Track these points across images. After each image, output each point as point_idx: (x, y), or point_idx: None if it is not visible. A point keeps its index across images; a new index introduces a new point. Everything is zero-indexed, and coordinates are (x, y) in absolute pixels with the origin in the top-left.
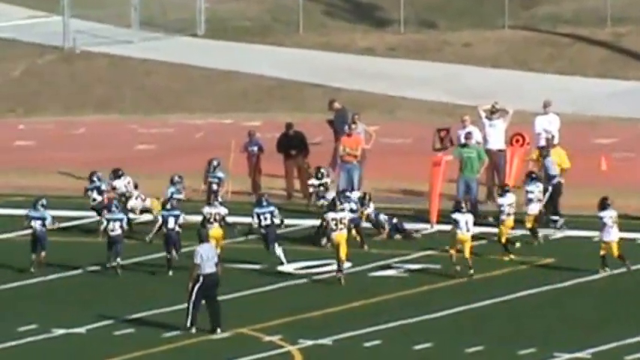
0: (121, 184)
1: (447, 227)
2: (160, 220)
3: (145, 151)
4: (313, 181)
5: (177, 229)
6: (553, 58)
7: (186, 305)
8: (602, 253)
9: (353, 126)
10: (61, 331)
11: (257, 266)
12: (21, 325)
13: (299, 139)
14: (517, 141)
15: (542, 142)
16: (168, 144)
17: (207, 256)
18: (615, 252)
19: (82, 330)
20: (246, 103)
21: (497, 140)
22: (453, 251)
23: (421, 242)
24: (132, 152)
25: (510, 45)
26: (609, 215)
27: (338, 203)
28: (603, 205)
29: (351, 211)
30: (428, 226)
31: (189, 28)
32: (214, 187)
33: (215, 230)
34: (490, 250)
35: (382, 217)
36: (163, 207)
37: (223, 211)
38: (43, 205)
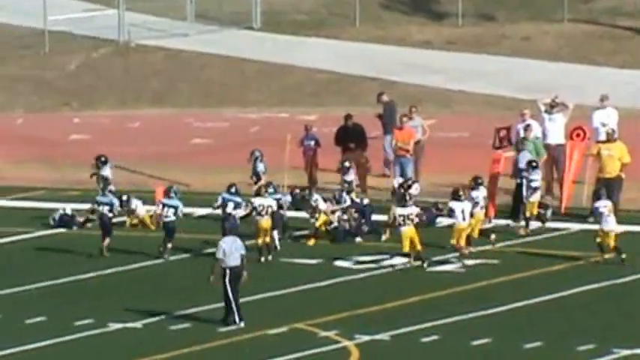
0: (108, 171)
1: (506, 222)
2: (160, 207)
3: (201, 145)
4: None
5: (172, 217)
6: (613, 51)
7: (224, 303)
8: (598, 240)
9: (404, 119)
10: (117, 326)
11: (314, 261)
12: (77, 319)
13: (358, 131)
14: (577, 135)
15: (602, 137)
16: (223, 138)
17: (229, 250)
18: (612, 242)
19: (137, 324)
20: (302, 96)
21: (556, 134)
22: (454, 242)
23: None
24: (187, 146)
25: (569, 38)
26: (604, 205)
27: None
28: (597, 195)
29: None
30: (486, 220)
31: (245, 21)
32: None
33: (265, 221)
34: (548, 245)
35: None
36: (166, 196)
37: (273, 203)
38: (111, 192)
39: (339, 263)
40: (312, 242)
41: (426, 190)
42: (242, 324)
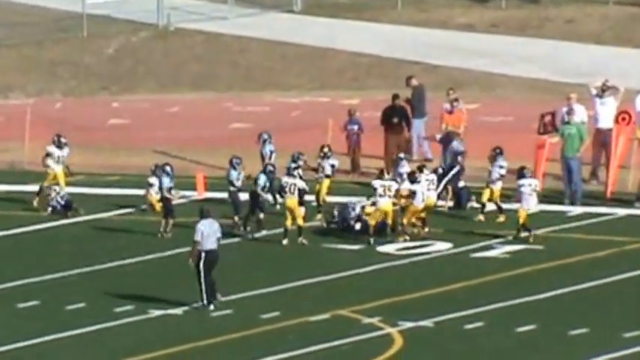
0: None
1: (551, 207)
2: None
3: (241, 129)
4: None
5: (167, 195)
6: None
7: (198, 286)
8: (521, 221)
9: (455, 103)
10: (157, 312)
11: (356, 247)
12: (118, 305)
13: (404, 112)
14: (623, 119)
15: None
16: (263, 123)
17: (207, 233)
18: (522, 219)
19: (178, 311)
20: (343, 80)
21: (607, 118)
22: (405, 220)
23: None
24: (227, 131)
25: (615, 21)
26: (527, 183)
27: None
28: (521, 174)
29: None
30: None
31: (286, 4)
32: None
33: (291, 200)
34: (593, 231)
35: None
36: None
37: (300, 184)
38: (164, 172)
39: (381, 249)
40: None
41: (470, 175)
42: (211, 307)
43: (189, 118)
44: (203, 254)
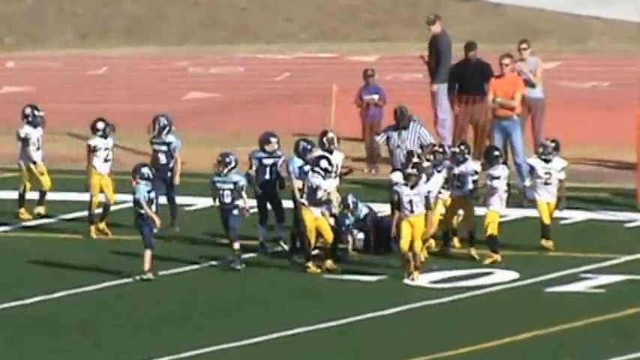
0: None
1: None
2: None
3: (201, 101)
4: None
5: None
6: None
7: None
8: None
9: (506, 61)
10: None
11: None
12: None
13: (485, 71)
14: None
15: None
16: (235, 91)
17: None
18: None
19: None
20: (355, 26)
21: None
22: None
23: (623, 240)
24: (180, 104)
25: None
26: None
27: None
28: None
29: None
30: (637, 216)
31: None
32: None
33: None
34: None
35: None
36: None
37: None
38: None
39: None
40: None
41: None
42: None
43: (123, 84)
44: None
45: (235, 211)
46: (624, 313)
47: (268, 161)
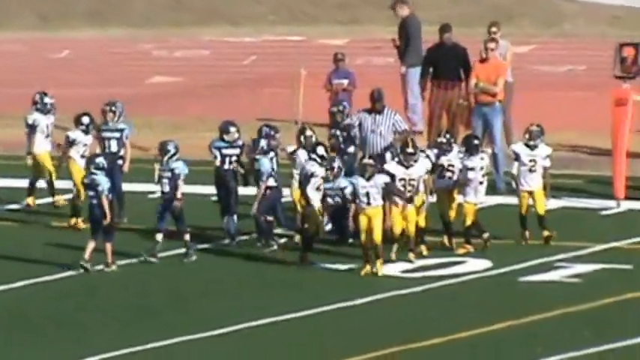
0: None
1: None
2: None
3: (165, 85)
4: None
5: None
6: None
7: None
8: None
9: (490, 45)
10: None
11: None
12: None
13: (461, 55)
14: None
15: None
16: (200, 75)
17: None
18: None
19: None
20: (324, 9)
21: None
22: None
23: (599, 229)
24: (143, 88)
25: None
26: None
27: None
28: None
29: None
30: (612, 203)
31: None
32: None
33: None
34: None
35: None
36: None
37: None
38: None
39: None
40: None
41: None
42: None
43: (86, 67)
44: None
45: (176, 202)
46: (600, 302)
47: (228, 151)
